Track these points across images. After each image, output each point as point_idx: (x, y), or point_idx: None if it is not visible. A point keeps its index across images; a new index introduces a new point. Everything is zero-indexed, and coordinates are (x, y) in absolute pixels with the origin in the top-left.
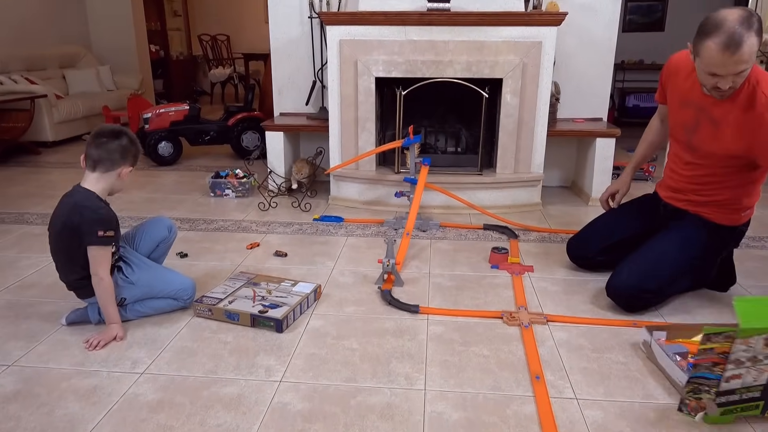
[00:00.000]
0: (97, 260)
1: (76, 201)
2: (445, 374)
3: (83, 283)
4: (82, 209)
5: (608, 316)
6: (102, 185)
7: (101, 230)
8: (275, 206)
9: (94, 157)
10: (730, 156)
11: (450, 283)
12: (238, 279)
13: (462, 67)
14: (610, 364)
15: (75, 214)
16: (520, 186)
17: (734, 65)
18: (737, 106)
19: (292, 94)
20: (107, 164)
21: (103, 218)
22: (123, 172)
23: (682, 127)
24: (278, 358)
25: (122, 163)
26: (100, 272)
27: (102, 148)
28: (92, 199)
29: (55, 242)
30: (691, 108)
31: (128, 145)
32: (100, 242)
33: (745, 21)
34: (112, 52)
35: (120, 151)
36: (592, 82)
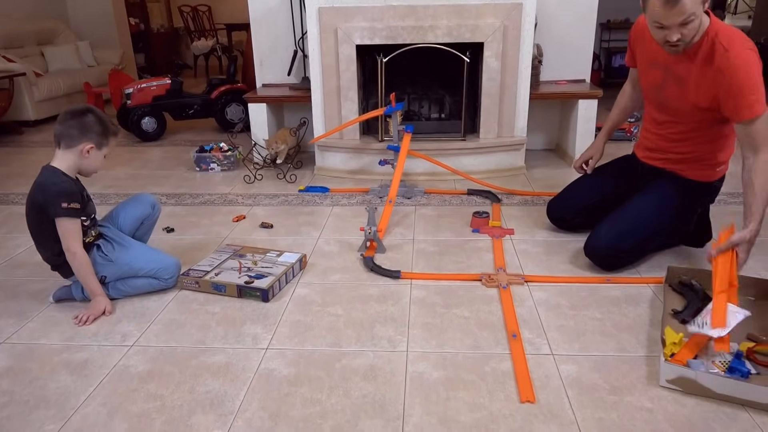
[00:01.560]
0: (66, 233)
1: (40, 179)
2: (427, 336)
3: (60, 260)
4: (45, 186)
5: (586, 274)
6: (67, 163)
7: (65, 202)
8: (261, 179)
9: (56, 133)
10: (698, 110)
11: (433, 249)
12: (224, 251)
13: (443, 31)
14: (586, 320)
15: (39, 192)
16: (504, 150)
17: (676, 16)
18: (698, 62)
19: (274, 65)
20: (67, 140)
21: (65, 191)
22: (85, 149)
23: (652, 87)
24: (265, 327)
25: (83, 140)
26: (71, 246)
27: (63, 125)
28: (56, 175)
29: (28, 223)
30: (658, 68)
31: (91, 121)
32: (66, 214)
33: None
34: (90, 26)
35: (78, 127)
36: (575, 43)
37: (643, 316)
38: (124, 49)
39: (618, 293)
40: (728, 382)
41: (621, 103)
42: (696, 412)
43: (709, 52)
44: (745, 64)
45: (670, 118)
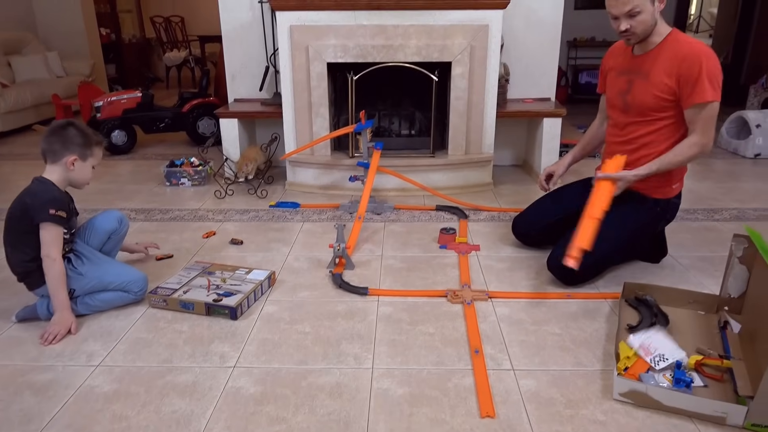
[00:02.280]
0: (48, 239)
1: (31, 187)
2: (392, 352)
3: (32, 267)
4: (35, 192)
5: (549, 290)
6: (56, 176)
7: (53, 208)
8: (231, 194)
9: (42, 149)
10: (660, 101)
11: (401, 265)
12: (193, 268)
13: (412, 51)
14: (546, 335)
15: (28, 196)
16: (472, 167)
17: (622, 5)
18: (662, 56)
19: (245, 80)
20: (51, 155)
21: (55, 198)
22: (69, 161)
23: (618, 93)
24: (232, 345)
25: (65, 153)
26: (51, 253)
27: (46, 140)
28: (46, 184)
29: (7, 226)
30: (625, 74)
31: (73, 135)
32: (52, 220)
33: None
34: (60, 36)
35: (61, 142)
36: (540, 62)
37: (600, 331)
38: (95, 60)
39: (577, 308)
40: (676, 394)
41: (585, 137)
42: (646, 425)
43: (672, 47)
44: (707, 54)
45: (633, 117)
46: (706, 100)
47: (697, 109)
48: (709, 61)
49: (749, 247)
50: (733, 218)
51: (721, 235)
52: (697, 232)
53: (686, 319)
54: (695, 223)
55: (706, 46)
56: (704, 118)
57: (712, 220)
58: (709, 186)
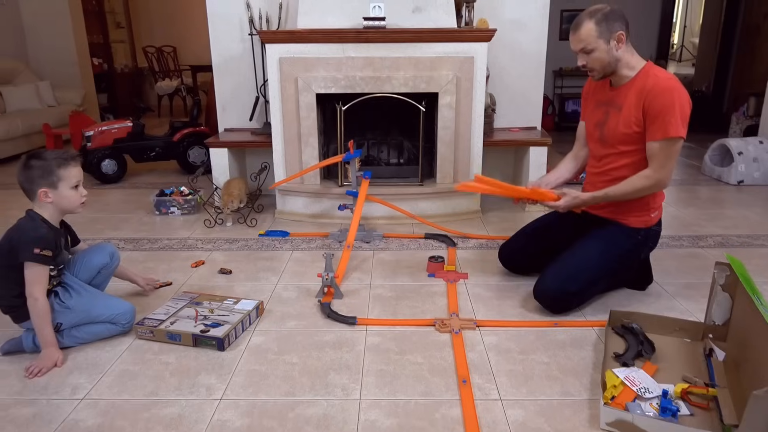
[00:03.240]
0: (32, 279)
1: (21, 222)
2: (380, 383)
3: (18, 302)
4: (22, 229)
5: (536, 318)
6: (41, 211)
7: (37, 248)
8: (221, 223)
9: (22, 189)
10: (633, 134)
11: (390, 294)
12: (181, 299)
13: (399, 82)
14: (534, 364)
15: (15, 233)
16: (460, 195)
17: (576, 43)
18: (634, 90)
19: (236, 110)
20: (30, 192)
21: (41, 236)
22: (40, 195)
23: (596, 125)
24: (219, 377)
25: (34, 189)
26: (34, 292)
27: (19, 181)
28: (35, 220)
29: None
30: (602, 106)
31: (32, 170)
32: (36, 259)
33: (592, 11)
34: (52, 66)
35: (26, 181)
36: (526, 92)
37: (587, 360)
38: (87, 90)
39: (564, 337)
40: (663, 424)
41: (559, 164)
42: None
43: (643, 80)
44: (674, 88)
45: (609, 149)
46: (667, 135)
47: (657, 144)
48: (674, 96)
49: (731, 275)
50: (718, 245)
51: (706, 262)
52: (682, 258)
53: (672, 347)
54: (680, 250)
55: (675, 80)
56: (663, 153)
57: (697, 247)
58: (693, 212)
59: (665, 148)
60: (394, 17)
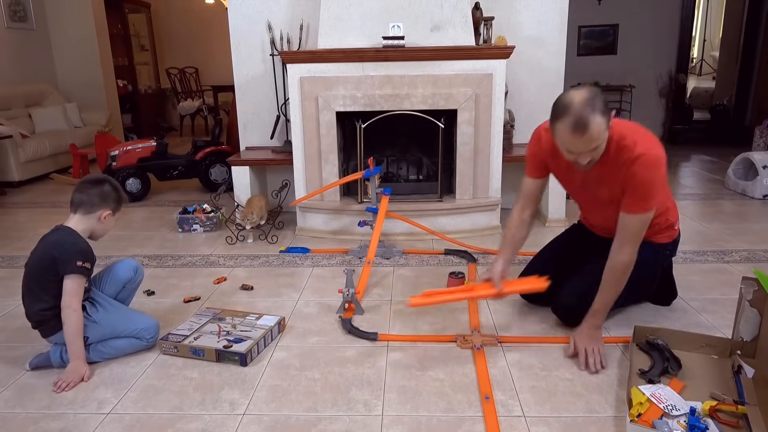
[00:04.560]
0: (71, 291)
1: (57, 237)
2: (402, 399)
3: (49, 315)
4: (63, 243)
5: (558, 334)
6: (82, 226)
7: (80, 260)
8: (242, 240)
9: (76, 200)
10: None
11: (410, 310)
12: (204, 315)
13: (418, 99)
14: (557, 381)
15: (55, 248)
16: (480, 210)
17: (585, 144)
18: (609, 163)
19: (257, 128)
20: (87, 207)
21: (84, 250)
22: (103, 215)
23: (575, 188)
24: (242, 392)
25: (102, 206)
26: (72, 303)
27: (84, 192)
28: (74, 235)
29: (29, 274)
30: (575, 173)
31: (109, 190)
32: (78, 271)
33: (589, 103)
34: (79, 88)
35: (100, 195)
36: (545, 108)
37: (611, 376)
38: (112, 111)
39: None
40: None
41: (509, 234)
42: None
43: (616, 154)
44: (647, 166)
45: (601, 206)
46: (637, 211)
47: (628, 216)
48: (648, 174)
49: (759, 290)
50: (744, 260)
51: (732, 277)
52: (707, 274)
53: (699, 364)
54: (705, 265)
55: (646, 147)
56: (634, 227)
57: (722, 262)
58: (718, 227)
59: (636, 220)
60: (412, 36)
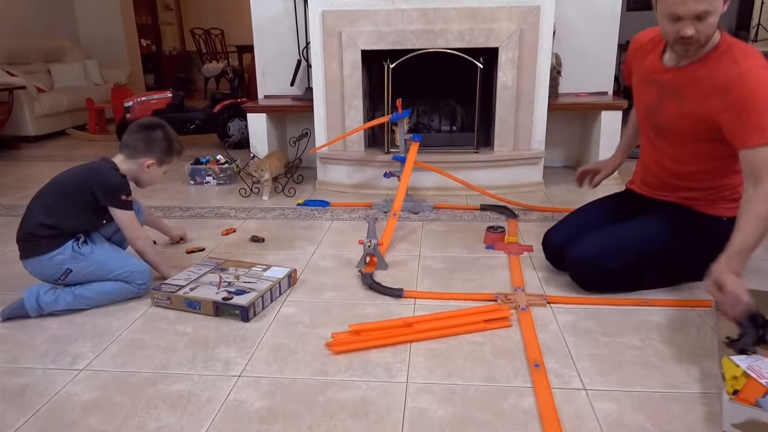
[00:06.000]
0: (129, 224)
1: (96, 165)
2: (431, 364)
3: (44, 233)
4: (104, 172)
5: (619, 296)
6: (125, 167)
7: (123, 194)
8: (257, 192)
9: (123, 141)
10: (699, 132)
11: (441, 266)
12: (205, 265)
13: (454, 36)
14: (623, 349)
15: (92, 172)
16: (520, 164)
17: (695, 3)
18: (704, 76)
19: (277, 76)
20: (131, 151)
21: (124, 184)
22: (146, 164)
23: (647, 108)
24: (240, 350)
25: (146, 154)
26: (139, 234)
27: (130, 135)
28: (114, 168)
29: (50, 189)
30: (654, 86)
31: (158, 138)
32: (125, 206)
33: None
34: (100, 45)
35: (145, 141)
36: (597, 54)
37: (691, 345)
38: (133, 69)
39: (658, 318)
40: None
41: (627, 134)
42: None
43: (717, 66)
44: (760, 81)
45: (670, 145)
46: (756, 143)
47: (755, 151)
48: (763, 90)
49: None
50: None
51: None
52: None
53: None
54: None
55: (758, 65)
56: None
57: None
58: None
59: None
60: None
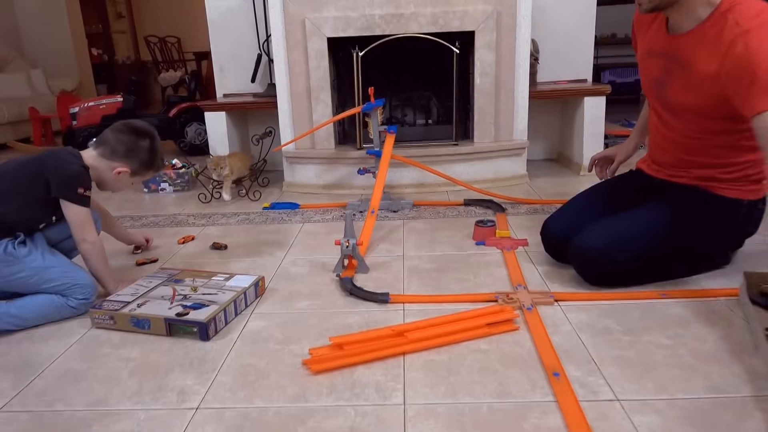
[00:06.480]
0: (80, 222)
1: (58, 151)
2: (431, 380)
3: None
4: (64, 159)
5: (633, 289)
6: (92, 162)
7: (81, 187)
8: (218, 197)
9: (103, 137)
10: (711, 108)
11: (429, 265)
12: (156, 277)
13: (427, 20)
14: (652, 348)
15: (52, 157)
16: (503, 156)
17: None
18: (706, 39)
19: (235, 72)
20: (107, 150)
21: (85, 175)
22: (118, 169)
23: (654, 81)
24: (199, 376)
25: (124, 159)
26: (88, 236)
27: (115, 134)
28: (78, 158)
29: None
30: (658, 57)
31: (143, 147)
32: (80, 201)
33: None
34: (46, 55)
35: (128, 146)
36: (574, 39)
37: (727, 340)
38: (83, 78)
39: (681, 311)
40: None
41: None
42: None
43: (719, 29)
44: (765, 42)
45: (680, 122)
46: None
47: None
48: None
49: None
50: None
51: None
52: None
53: None
54: None
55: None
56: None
57: None
58: None
59: None
60: None
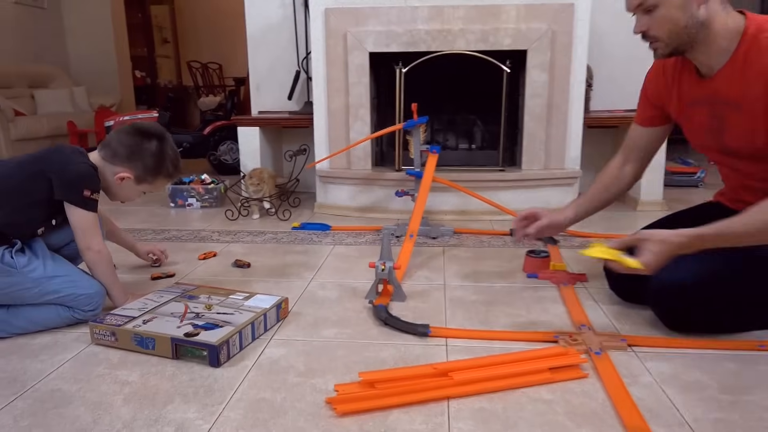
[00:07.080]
0: (86, 228)
1: (64, 148)
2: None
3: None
4: (69, 158)
5: (721, 337)
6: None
7: (88, 189)
8: (246, 215)
9: (106, 139)
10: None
11: (474, 297)
12: (169, 291)
13: (476, 37)
14: (760, 412)
15: (56, 156)
16: (553, 185)
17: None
18: (746, 68)
19: (271, 90)
20: (109, 152)
21: (91, 176)
22: (120, 174)
23: (705, 131)
24: (203, 408)
25: (125, 163)
26: (93, 244)
27: (118, 135)
28: (85, 156)
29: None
30: (701, 105)
31: (148, 151)
32: (86, 205)
33: None
34: (91, 75)
35: (130, 148)
36: (632, 67)
37: None
38: (124, 98)
39: None
40: None
41: (599, 182)
42: None
43: (757, 54)
44: None
45: (751, 164)
46: None
47: None
48: None
49: None
50: None
51: None
52: None
53: None
54: None
55: None
56: None
57: None
58: None
59: None
60: None
